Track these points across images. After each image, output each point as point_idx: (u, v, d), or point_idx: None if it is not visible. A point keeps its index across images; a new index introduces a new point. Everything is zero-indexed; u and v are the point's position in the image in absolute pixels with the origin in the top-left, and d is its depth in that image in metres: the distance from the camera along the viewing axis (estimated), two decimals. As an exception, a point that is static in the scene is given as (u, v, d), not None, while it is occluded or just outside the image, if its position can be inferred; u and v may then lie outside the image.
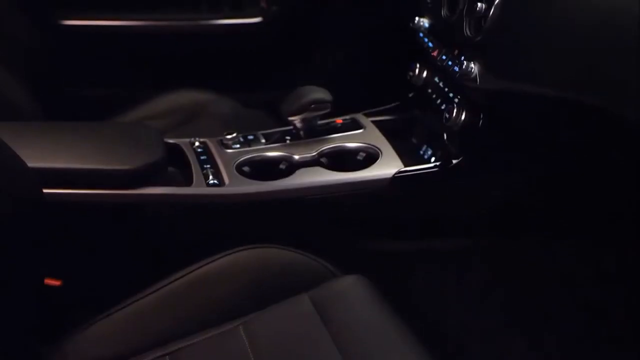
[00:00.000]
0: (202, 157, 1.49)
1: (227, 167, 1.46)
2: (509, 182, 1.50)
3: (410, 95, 1.68)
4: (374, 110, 1.67)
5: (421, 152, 1.57)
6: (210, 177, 1.43)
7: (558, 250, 1.57)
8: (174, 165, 1.49)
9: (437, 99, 1.57)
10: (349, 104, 1.65)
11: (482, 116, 1.41)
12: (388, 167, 1.46)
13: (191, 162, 1.48)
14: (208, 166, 1.46)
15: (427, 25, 1.55)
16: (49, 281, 1.32)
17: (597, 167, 1.41)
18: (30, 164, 1.20)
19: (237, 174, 1.45)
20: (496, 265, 1.58)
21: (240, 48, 2.42)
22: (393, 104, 1.69)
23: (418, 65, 1.63)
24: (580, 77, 1.14)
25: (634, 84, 1.05)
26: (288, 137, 1.56)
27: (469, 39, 1.36)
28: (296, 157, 1.49)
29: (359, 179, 1.45)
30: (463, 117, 1.42)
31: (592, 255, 1.56)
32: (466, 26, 1.37)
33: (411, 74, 1.64)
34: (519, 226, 1.55)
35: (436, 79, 1.59)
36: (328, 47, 2.42)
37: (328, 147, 1.52)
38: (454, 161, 1.45)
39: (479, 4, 1.32)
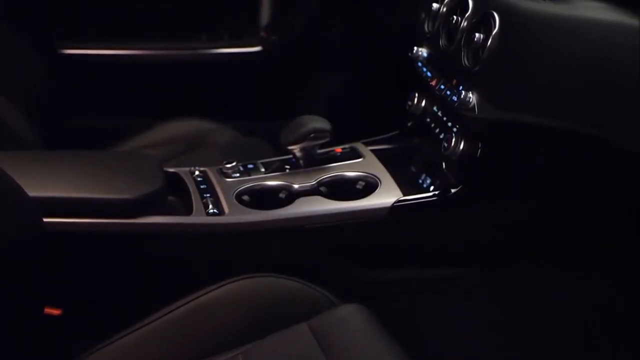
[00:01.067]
0: (202, 186, 1.50)
1: (226, 196, 1.47)
2: (508, 211, 1.51)
3: (409, 124, 1.68)
4: (373, 139, 1.68)
5: (420, 181, 1.58)
6: (210, 206, 1.43)
7: (558, 278, 1.57)
8: (174, 194, 1.50)
9: (435, 128, 1.58)
10: (348, 132, 1.65)
11: (480, 145, 1.42)
12: (387, 196, 1.47)
13: (191, 191, 1.49)
14: (208, 195, 1.47)
15: (425, 55, 1.56)
16: (49, 310, 1.32)
17: (597, 197, 1.42)
18: (30, 193, 1.20)
19: (236, 203, 1.45)
20: (496, 293, 1.58)
21: (240, 77, 2.43)
22: (392, 133, 1.70)
23: (417, 95, 1.64)
24: (578, 108, 1.15)
25: (633, 117, 1.06)
26: (287, 166, 1.57)
27: (467, 69, 1.37)
28: (296, 186, 1.50)
29: (358, 208, 1.45)
30: (461, 146, 1.42)
31: (592, 285, 1.56)
32: (464, 56, 1.38)
33: (410, 103, 1.65)
34: (519, 254, 1.55)
35: (435, 108, 1.60)
36: (327, 76, 2.44)
37: (327, 176, 1.52)
38: (453, 190, 1.46)
39: (477, 35, 1.33)
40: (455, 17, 1.44)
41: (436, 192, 1.48)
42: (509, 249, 1.54)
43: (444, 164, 1.51)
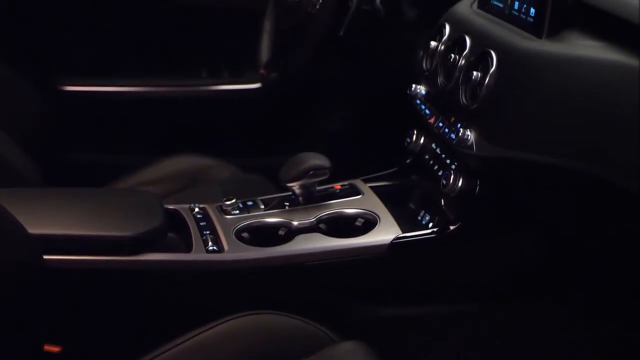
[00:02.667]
0: (201, 223, 1.50)
1: (226, 233, 1.47)
2: (507, 248, 1.51)
3: (408, 161, 1.69)
4: (372, 176, 1.68)
5: (419, 218, 1.58)
6: (210, 243, 1.44)
7: (558, 315, 1.57)
8: (174, 231, 1.50)
9: (434, 165, 1.59)
10: (347, 169, 1.66)
11: (479, 183, 1.43)
12: (386, 233, 1.47)
13: (191, 228, 1.49)
14: (207, 232, 1.47)
15: (424, 92, 1.57)
16: (49, 347, 1.32)
17: (597, 236, 1.42)
18: (31, 230, 1.21)
19: (236, 240, 1.46)
20: (496, 330, 1.58)
21: (240, 113, 2.44)
22: (391, 170, 1.71)
23: (415, 132, 1.65)
24: (576, 147, 1.16)
25: (632, 156, 1.06)
26: (287, 203, 1.57)
27: (465, 107, 1.38)
28: (295, 223, 1.50)
29: (358, 245, 1.45)
30: (460, 183, 1.43)
31: (591, 324, 1.55)
32: (462, 94, 1.39)
33: (409, 140, 1.65)
34: (519, 291, 1.55)
35: (433, 146, 1.61)
36: (326, 113, 2.45)
37: (326, 213, 1.53)
38: (452, 227, 1.46)
39: (475, 73, 1.34)
40: (453, 55, 1.45)
41: (435, 229, 1.49)
42: (508, 286, 1.54)
43: (442, 201, 1.52)
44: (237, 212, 1.54)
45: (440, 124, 1.48)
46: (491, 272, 1.53)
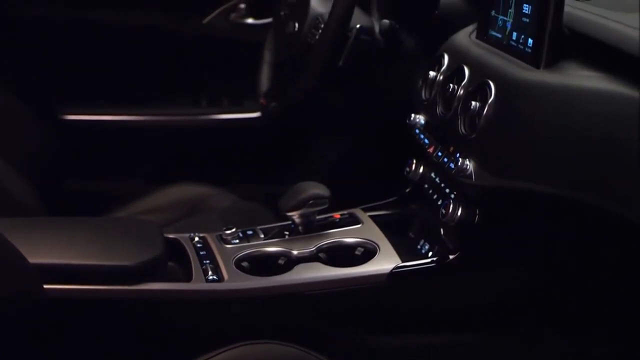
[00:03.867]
0: (201, 253, 1.50)
1: (226, 262, 1.47)
2: (506, 278, 1.51)
3: (407, 190, 1.70)
4: (371, 205, 1.69)
5: (419, 247, 1.58)
6: (210, 272, 1.44)
7: (559, 344, 1.56)
8: (174, 260, 1.50)
9: (433, 194, 1.59)
10: (347, 198, 1.67)
11: (478, 212, 1.43)
12: (386, 262, 1.47)
13: (190, 257, 1.49)
14: (207, 261, 1.47)
15: (423, 122, 1.57)
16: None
17: (597, 266, 1.42)
18: (31, 260, 1.21)
19: (236, 269, 1.46)
20: (497, 359, 1.58)
21: (239, 142, 2.45)
22: (390, 199, 1.71)
23: (415, 161, 1.65)
24: (575, 177, 1.16)
25: (632, 187, 1.07)
26: (287, 232, 1.57)
27: (464, 137, 1.38)
28: (295, 252, 1.50)
29: (357, 275, 1.45)
30: (459, 213, 1.43)
31: (592, 352, 1.55)
32: (461, 124, 1.39)
33: (408, 169, 1.66)
34: (518, 320, 1.55)
35: (432, 175, 1.61)
36: (325, 142, 2.46)
37: (326, 242, 1.53)
38: (451, 256, 1.46)
39: (473, 103, 1.35)
40: (451, 85, 1.45)
41: (434, 259, 1.49)
42: (508, 316, 1.54)
43: (442, 230, 1.52)
44: (237, 241, 1.55)
45: (440, 154, 1.48)
46: (491, 302, 1.53)
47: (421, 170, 1.65)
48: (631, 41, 1.14)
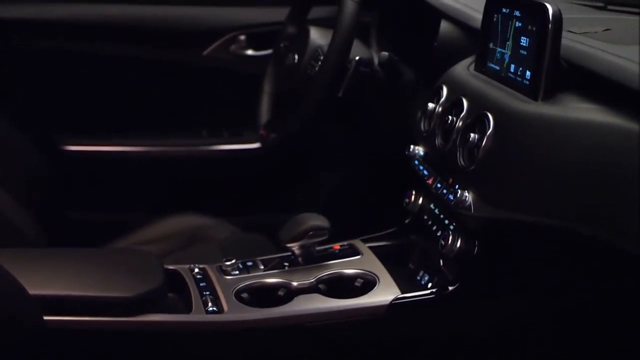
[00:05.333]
0: (201, 284, 1.51)
1: (226, 293, 1.47)
2: (506, 309, 1.51)
3: (407, 221, 1.70)
4: (371, 236, 1.69)
5: (418, 278, 1.59)
6: (210, 304, 1.44)
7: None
8: (174, 291, 1.50)
9: (433, 225, 1.59)
10: (347, 230, 1.67)
11: (477, 244, 1.43)
12: (385, 293, 1.48)
13: (190, 288, 1.49)
14: (207, 293, 1.48)
15: (422, 153, 1.58)
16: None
17: (597, 297, 1.42)
18: (31, 291, 1.21)
19: (235, 300, 1.46)
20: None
21: (239, 173, 2.46)
22: (390, 230, 1.71)
23: (414, 192, 1.66)
24: (574, 208, 1.16)
25: (632, 219, 1.07)
26: (286, 264, 1.58)
27: (462, 168, 1.39)
28: (294, 283, 1.50)
29: (357, 306, 1.46)
30: (458, 244, 1.44)
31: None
32: (460, 156, 1.40)
33: (407, 200, 1.66)
34: (519, 351, 1.55)
35: (432, 206, 1.62)
36: (325, 173, 2.47)
37: (326, 273, 1.53)
38: (451, 288, 1.47)
39: (472, 135, 1.36)
40: (450, 117, 1.46)
41: (434, 290, 1.49)
42: (508, 346, 1.54)
43: (441, 261, 1.52)
44: (237, 272, 1.55)
45: (439, 185, 1.49)
46: (491, 333, 1.53)
47: (420, 201, 1.65)
48: (631, 75, 1.15)
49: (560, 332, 1.52)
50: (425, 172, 1.56)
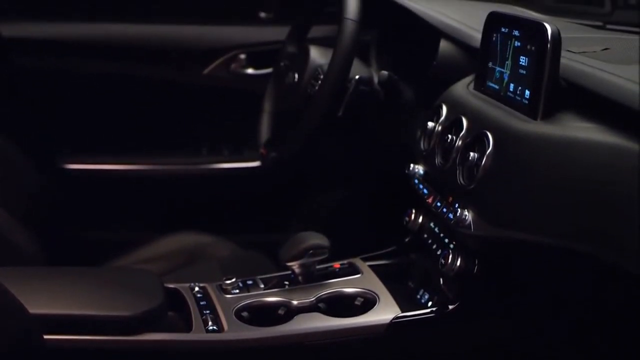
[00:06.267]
0: (201, 303, 1.51)
1: (226, 312, 1.47)
2: (506, 327, 1.51)
3: (407, 240, 1.70)
4: (371, 254, 1.69)
5: (418, 297, 1.59)
6: (210, 322, 1.44)
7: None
8: (174, 310, 1.50)
9: (432, 244, 1.60)
10: (346, 248, 1.67)
11: (477, 262, 1.44)
12: (385, 312, 1.48)
13: (190, 307, 1.49)
14: (207, 312, 1.47)
15: (422, 172, 1.58)
16: None
17: (597, 315, 1.42)
18: (30, 310, 1.21)
19: (236, 319, 1.46)
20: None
21: (239, 191, 2.46)
22: (390, 249, 1.71)
23: (414, 211, 1.66)
24: (574, 227, 1.16)
25: (631, 238, 1.07)
26: (287, 282, 1.58)
27: (462, 187, 1.39)
28: (295, 302, 1.50)
29: (357, 325, 1.45)
30: (458, 263, 1.44)
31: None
32: (459, 174, 1.40)
33: (407, 219, 1.67)
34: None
35: (432, 225, 1.62)
36: (325, 192, 2.47)
37: (326, 292, 1.53)
38: (451, 307, 1.47)
39: (472, 154, 1.36)
40: (450, 136, 1.47)
41: (434, 309, 1.49)
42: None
43: (441, 279, 1.52)
44: (237, 291, 1.55)
45: (438, 204, 1.49)
46: (491, 351, 1.53)
47: (420, 220, 1.66)
48: (631, 95, 1.15)
49: (560, 351, 1.51)
50: (425, 191, 1.56)
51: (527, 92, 1.33)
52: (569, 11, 2.18)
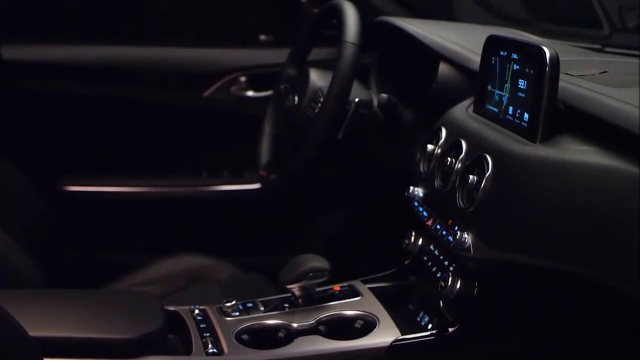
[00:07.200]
0: (201, 325, 1.50)
1: (226, 335, 1.47)
2: (506, 350, 1.51)
3: (407, 262, 1.70)
4: (370, 277, 1.69)
5: (418, 319, 1.58)
6: (210, 345, 1.43)
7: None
8: (174, 333, 1.50)
9: (432, 266, 1.60)
10: (346, 271, 1.67)
11: (477, 285, 1.44)
12: (385, 335, 1.47)
13: (190, 330, 1.49)
14: (207, 334, 1.47)
15: (421, 194, 1.58)
16: None
17: (596, 338, 1.42)
18: (31, 333, 1.21)
19: (236, 342, 1.45)
20: None
21: (239, 213, 2.47)
22: (389, 271, 1.71)
23: (413, 234, 1.66)
24: (574, 251, 1.17)
25: (631, 262, 1.07)
26: (287, 305, 1.58)
27: (462, 210, 1.39)
28: (295, 325, 1.50)
29: (357, 348, 1.45)
30: (458, 285, 1.44)
31: None
32: (459, 197, 1.40)
33: (407, 241, 1.67)
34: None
35: (431, 247, 1.62)
36: (325, 213, 2.47)
37: (326, 315, 1.53)
38: (451, 329, 1.47)
39: (471, 177, 1.36)
40: (449, 158, 1.47)
41: (434, 331, 1.49)
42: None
43: (441, 302, 1.52)
44: (237, 313, 1.55)
45: (438, 226, 1.49)
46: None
47: (420, 242, 1.66)
48: (630, 118, 1.16)
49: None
50: (425, 214, 1.57)
51: (526, 115, 1.33)
52: (568, 34, 2.19)
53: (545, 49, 1.28)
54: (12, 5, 2.44)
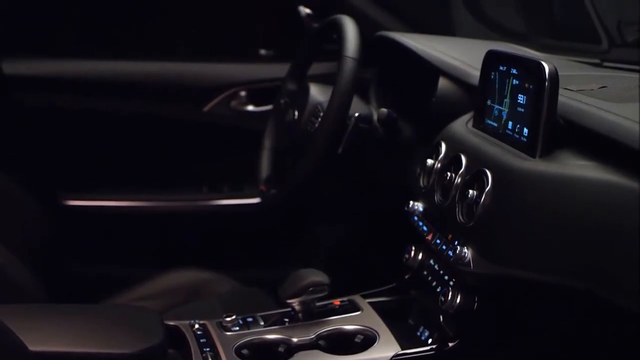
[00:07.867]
0: (201, 340, 1.50)
1: (226, 350, 1.47)
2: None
3: (407, 277, 1.70)
4: (370, 291, 1.69)
5: (418, 334, 1.58)
6: (210, 360, 1.44)
7: None
8: (174, 347, 1.50)
9: (432, 281, 1.60)
10: (346, 285, 1.67)
11: (477, 299, 1.44)
12: (385, 350, 1.47)
13: (191, 344, 1.49)
14: (208, 349, 1.47)
15: (421, 209, 1.59)
16: None
17: (596, 352, 1.42)
18: (31, 348, 1.21)
19: (236, 357, 1.46)
20: None
21: (239, 228, 2.47)
22: (389, 286, 1.71)
23: (413, 248, 1.66)
24: (575, 265, 1.17)
25: (629, 276, 1.07)
26: (287, 319, 1.58)
27: (461, 225, 1.39)
28: (295, 339, 1.50)
29: None
30: (458, 300, 1.44)
31: None
32: (459, 212, 1.40)
33: (407, 256, 1.67)
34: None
35: (431, 262, 1.62)
36: (325, 228, 2.47)
37: (326, 329, 1.53)
38: (451, 344, 1.47)
39: (471, 191, 1.36)
40: (449, 173, 1.47)
41: (434, 346, 1.49)
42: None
43: (441, 317, 1.52)
44: (237, 328, 1.55)
45: (438, 241, 1.49)
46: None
47: (420, 257, 1.66)
48: (630, 133, 1.16)
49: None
50: (425, 228, 1.57)
51: (526, 130, 1.33)
52: (567, 49, 2.20)
53: (545, 64, 1.28)
54: (13, 20, 2.44)
